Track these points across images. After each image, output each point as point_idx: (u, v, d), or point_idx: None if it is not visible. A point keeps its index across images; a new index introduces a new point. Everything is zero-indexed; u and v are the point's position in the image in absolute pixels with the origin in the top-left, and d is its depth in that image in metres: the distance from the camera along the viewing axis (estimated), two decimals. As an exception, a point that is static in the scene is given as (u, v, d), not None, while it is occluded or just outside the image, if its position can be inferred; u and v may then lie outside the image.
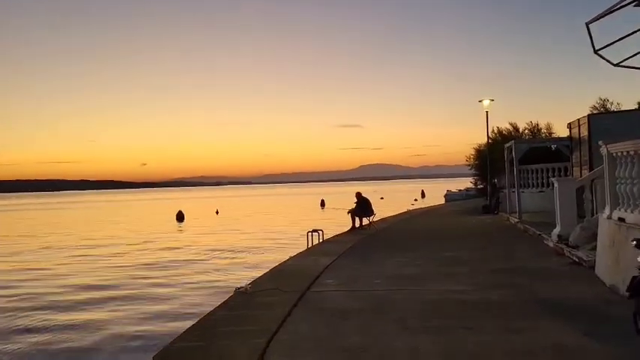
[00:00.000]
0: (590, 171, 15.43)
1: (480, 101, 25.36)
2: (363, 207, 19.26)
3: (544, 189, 22.12)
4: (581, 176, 16.22)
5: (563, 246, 11.43)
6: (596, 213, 11.80)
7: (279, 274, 10.21)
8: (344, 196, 20.84)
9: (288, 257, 12.98)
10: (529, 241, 13.99)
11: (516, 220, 18.43)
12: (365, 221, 19.46)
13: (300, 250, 14.23)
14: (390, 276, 9.38)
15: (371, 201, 20.16)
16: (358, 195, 19.60)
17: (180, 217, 45.05)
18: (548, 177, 22.03)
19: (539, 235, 13.93)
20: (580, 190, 12.65)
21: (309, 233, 16.27)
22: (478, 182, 28.27)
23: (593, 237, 11.28)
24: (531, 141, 18.26)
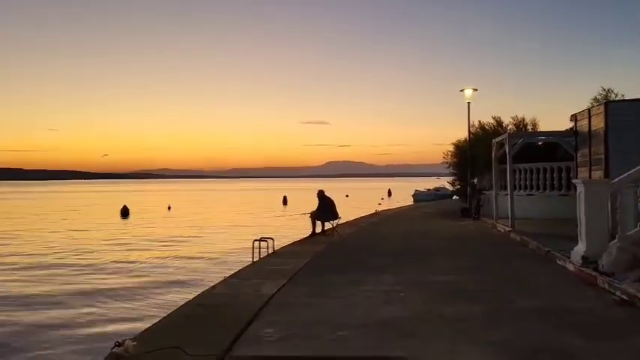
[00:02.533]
0: (605, 173, 12.56)
1: (461, 90, 22.44)
2: (325, 209, 15.99)
3: (533, 192, 19.35)
4: (590, 178, 13.36)
5: (594, 272, 8.42)
6: (636, 226, 8.89)
7: (195, 313, 6.83)
8: (309, 193, 17.57)
9: (222, 278, 9.62)
10: (535, 259, 10.95)
11: (508, 228, 15.48)
12: (328, 225, 16.23)
13: (242, 267, 10.88)
14: (360, 322, 6.13)
15: (335, 201, 16.91)
16: (320, 194, 16.30)
17: (124, 212, 40.89)
18: (538, 178, 19.27)
19: (549, 252, 10.93)
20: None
21: (257, 242, 12.92)
22: (456, 182, 25.34)
23: (635, 261, 8.34)
24: (529, 134, 15.28)
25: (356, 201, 67.34)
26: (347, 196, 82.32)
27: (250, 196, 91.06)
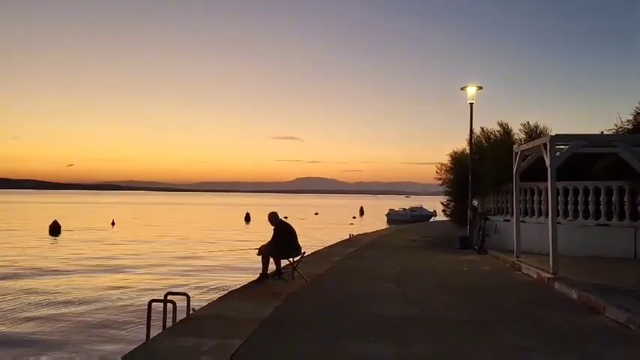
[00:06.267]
0: None
1: (462, 89, 17.91)
2: (283, 240, 10.95)
3: (560, 219, 14.79)
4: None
5: None
6: None
7: None
8: (278, 210, 12.98)
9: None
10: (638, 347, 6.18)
11: (547, 275, 10.71)
12: (285, 261, 11.25)
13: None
14: None
15: (302, 221, 11.91)
16: (273, 218, 11.21)
17: (54, 229, 34.67)
18: (566, 202, 14.79)
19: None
20: None
21: (161, 303, 7.86)
22: (451, 203, 20.70)
23: None
24: (582, 137, 10.51)
25: (327, 219, 62.54)
26: (316, 213, 77.84)
27: (213, 212, 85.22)
